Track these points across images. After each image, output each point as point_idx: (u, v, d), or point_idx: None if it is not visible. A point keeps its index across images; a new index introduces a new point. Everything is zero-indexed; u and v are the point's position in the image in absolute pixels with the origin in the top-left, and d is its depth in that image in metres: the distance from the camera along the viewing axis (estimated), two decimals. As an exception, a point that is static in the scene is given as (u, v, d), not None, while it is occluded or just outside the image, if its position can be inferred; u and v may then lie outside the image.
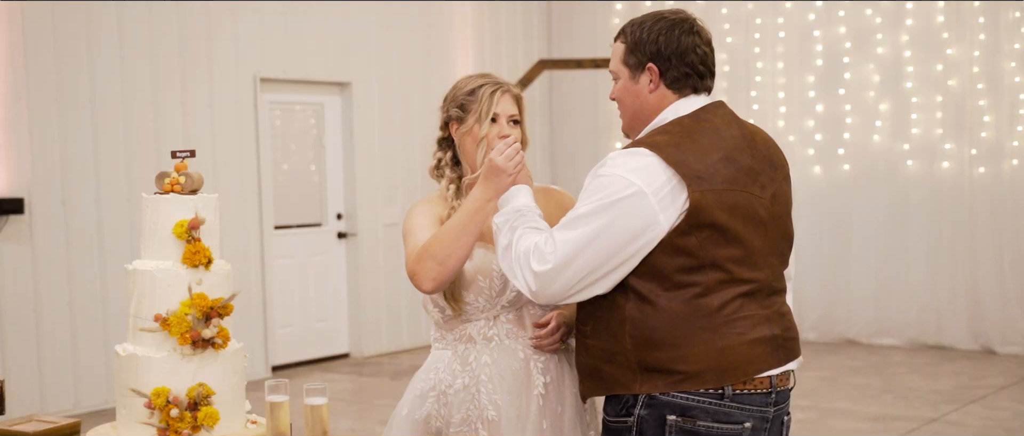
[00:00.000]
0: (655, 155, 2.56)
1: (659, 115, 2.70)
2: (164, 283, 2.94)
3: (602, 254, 2.54)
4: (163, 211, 3.00)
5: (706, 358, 2.56)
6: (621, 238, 2.53)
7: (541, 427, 2.94)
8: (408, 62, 9.61)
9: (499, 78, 3.07)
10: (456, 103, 3.05)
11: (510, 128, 3.00)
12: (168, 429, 2.90)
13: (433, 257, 2.80)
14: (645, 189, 2.53)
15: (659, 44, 2.67)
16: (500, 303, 2.96)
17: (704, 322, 2.57)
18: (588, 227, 2.54)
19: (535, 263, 2.58)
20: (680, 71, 2.69)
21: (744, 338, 2.60)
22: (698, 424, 2.57)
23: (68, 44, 7.38)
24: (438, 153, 3.13)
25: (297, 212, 9.09)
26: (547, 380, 2.96)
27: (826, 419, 6.88)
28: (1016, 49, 8.86)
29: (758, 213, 2.64)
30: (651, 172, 2.55)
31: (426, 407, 3.02)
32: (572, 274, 2.55)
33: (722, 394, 2.58)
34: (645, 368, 2.58)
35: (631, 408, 2.61)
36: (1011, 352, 8.88)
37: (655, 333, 2.57)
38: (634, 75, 2.71)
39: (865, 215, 9.46)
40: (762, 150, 2.73)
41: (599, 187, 2.57)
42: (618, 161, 2.58)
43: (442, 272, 2.81)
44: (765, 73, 9.87)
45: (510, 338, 2.98)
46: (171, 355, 2.93)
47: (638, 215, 2.53)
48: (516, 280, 2.65)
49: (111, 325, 7.50)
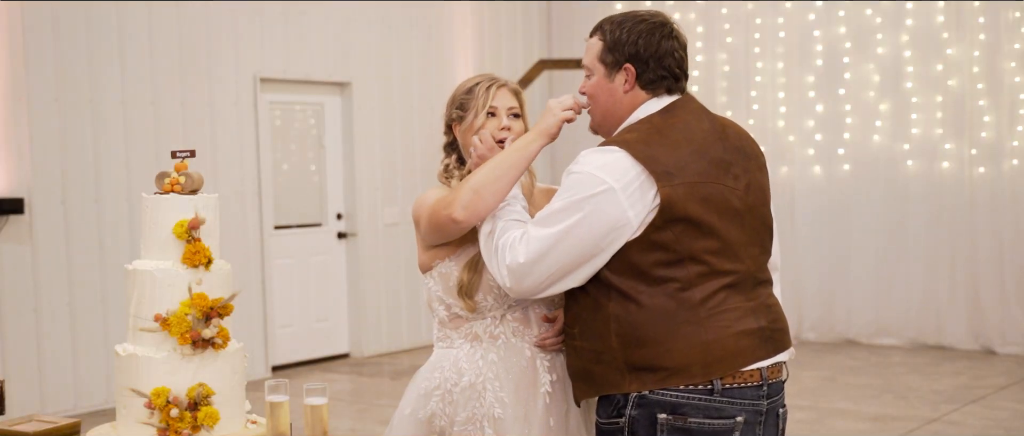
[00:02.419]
0: (624, 151, 2.60)
1: (631, 114, 2.74)
2: (164, 283, 2.94)
3: (573, 250, 2.59)
4: (163, 211, 3.00)
5: (691, 352, 2.57)
6: (591, 234, 2.58)
7: (548, 425, 2.95)
8: (408, 62, 9.61)
9: (496, 75, 3.10)
10: (455, 104, 3.07)
11: (510, 121, 3.01)
12: (168, 429, 2.90)
13: (471, 187, 2.77)
14: (614, 185, 2.57)
15: (638, 46, 2.70)
16: (508, 302, 2.96)
17: (688, 316, 2.58)
18: (560, 224, 2.59)
19: (509, 257, 2.64)
20: (656, 74, 2.72)
21: (730, 330, 2.61)
22: (689, 421, 2.58)
23: (68, 44, 7.38)
24: (445, 159, 3.13)
25: (297, 212, 9.09)
26: (553, 378, 2.97)
27: (826, 419, 6.88)
28: (1016, 49, 8.85)
29: (732, 204, 2.66)
30: (620, 168, 2.59)
31: (430, 406, 3.02)
32: (543, 269, 2.61)
33: (711, 389, 2.59)
34: (633, 367, 2.60)
35: (622, 409, 2.63)
36: (1011, 352, 8.88)
37: (640, 330, 2.59)
38: (610, 73, 2.75)
39: (865, 215, 9.46)
40: (734, 141, 2.74)
41: (570, 184, 2.62)
42: (589, 159, 2.63)
43: (477, 202, 2.76)
44: (765, 73, 9.87)
45: (516, 336, 2.98)
46: (171, 355, 2.93)
47: (607, 211, 2.57)
48: (494, 271, 2.71)
49: (111, 325, 7.50)
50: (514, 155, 2.82)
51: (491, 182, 2.78)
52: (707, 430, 2.59)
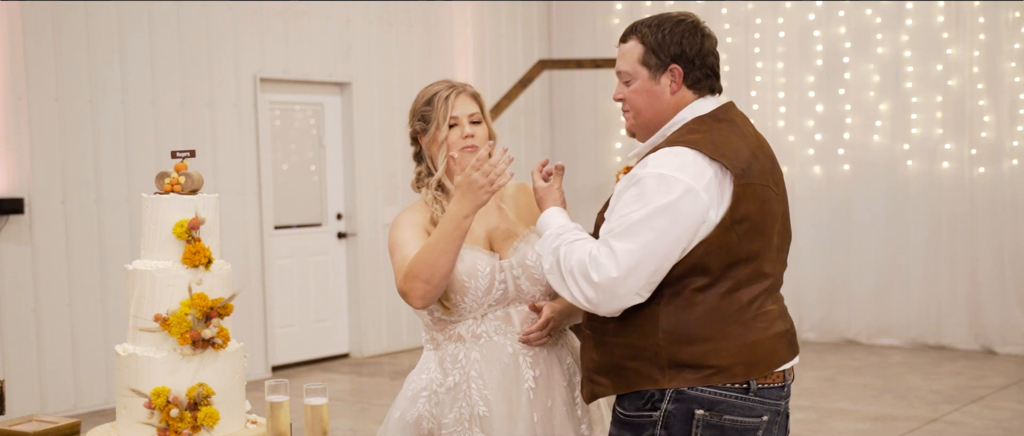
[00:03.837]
0: (697, 151, 2.59)
1: (677, 115, 2.72)
2: (164, 283, 2.94)
3: (661, 257, 2.55)
4: (163, 211, 3.00)
5: (737, 352, 2.60)
6: (678, 238, 2.55)
7: (532, 420, 2.97)
8: (408, 62, 9.61)
9: (454, 81, 3.09)
10: (417, 116, 3.09)
11: (472, 128, 3.02)
12: (168, 429, 2.90)
13: (418, 277, 2.83)
14: (695, 186, 2.55)
15: (682, 46, 2.70)
16: (487, 302, 2.99)
17: (736, 316, 2.61)
18: (648, 233, 2.54)
19: (594, 274, 2.57)
20: (702, 72, 2.72)
21: (767, 333, 2.65)
22: (724, 418, 2.61)
23: (68, 44, 7.38)
24: (417, 168, 3.15)
25: (297, 212, 9.09)
26: (536, 374, 2.99)
27: (826, 419, 6.88)
28: (1016, 49, 8.85)
29: (776, 210, 2.69)
30: (697, 168, 2.57)
31: (417, 408, 3.04)
32: (636, 280, 2.56)
33: (747, 388, 2.62)
34: (676, 363, 2.60)
35: (657, 403, 2.63)
36: (1011, 352, 8.88)
37: (690, 328, 2.60)
38: (654, 76, 2.72)
39: (865, 215, 9.46)
40: (768, 149, 2.78)
41: (643, 191, 2.57)
42: (661, 161, 2.59)
43: (429, 290, 2.84)
44: (765, 73, 9.87)
45: (498, 334, 3.00)
46: (171, 355, 2.93)
47: (692, 213, 2.55)
48: (570, 295, 2.64)
49: (111, 325, 7.50)
50: (452, 234, 2.82)
51: (437, 268, 2.82)
52: (739, 427, 2.63)
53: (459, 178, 2.84)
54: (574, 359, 3.09)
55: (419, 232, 3.00)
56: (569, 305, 3.01)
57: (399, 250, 2.97)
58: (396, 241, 3.00)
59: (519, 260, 3.00)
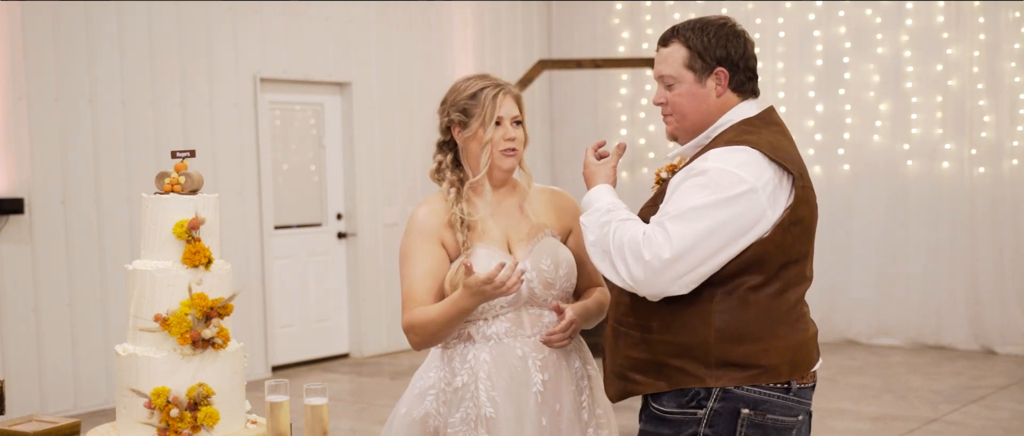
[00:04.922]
0: (757, 151, 2.60)
1: (722, 117, 2.73)
2: (164, 283, 2.94)
3: (714, 248, 2.56)
4: (163, 211, 3.00)
5: (785, 353, 2.63)
6: (734, 234, 2.56)
7: (540, 424, 2.96)
8: (408, 62, 9.61)
9: (498, 79, 3.07)
10: (458, 107, 3.03)
11: (515, 130, 3.02)
12: (168, 429, 2.90)
13: (418, 334, 2.98)
14: (756, 185, 2.57)
15: (727, 49, 2.72)
16: (499, 303, 2.97)
17: (785, 317, 2.65)
18: (704, 221, 2.55)
19: (646, 252, 2.57)
20: (745, 75, 2.75)
21: (807, 333, 2.70)
22: (767, 418, 2.63)
23: (68, 44, 7.38)
24: (438, 156, 3.12)
25: (297, 212, 9.09)
26: (545, 377, 2.98)
27: (826, 419, 6.88)
28: (1016, 49, 8.85)
29: (817, 212, 2.74)
30: (758, 168, 2.59)
31: (424, 406, 3.04)
32: (684, 266, 2.56)
33: (788, 388, 2.65)
34: (724, 362, 2.62)
35: (703, 401, 2.63)
36: (1011, 352, 8.88)
37: (743, 327, 2.61)
38: (700, 79, 2.72)
39: (865, 215, 9.46)
40: None
41: (708, 181, 2.58)
42: (723, 156, 2.60)
43: (426, 344, 3.01)
44: (765, 73, 9.86)
45: (509, 336, 2.99)
46: (171, 355, 2.93)
47: (750, 211, 2.57)
48: (613, 271, 2.63)
49: (111, 325, 7.50)
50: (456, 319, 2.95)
51: (437, 336, 2.99)
52: (779, 427, 2.66)
53: (470, 279, 2.85)
54: (582, 363, 3.09)
55: (430, 247, 3.00)
56: (589, 307, 3.05)
57: (406, 267, 3.03)
58: (406, 252, 3.04)
59: (534, 264, 2.99)
